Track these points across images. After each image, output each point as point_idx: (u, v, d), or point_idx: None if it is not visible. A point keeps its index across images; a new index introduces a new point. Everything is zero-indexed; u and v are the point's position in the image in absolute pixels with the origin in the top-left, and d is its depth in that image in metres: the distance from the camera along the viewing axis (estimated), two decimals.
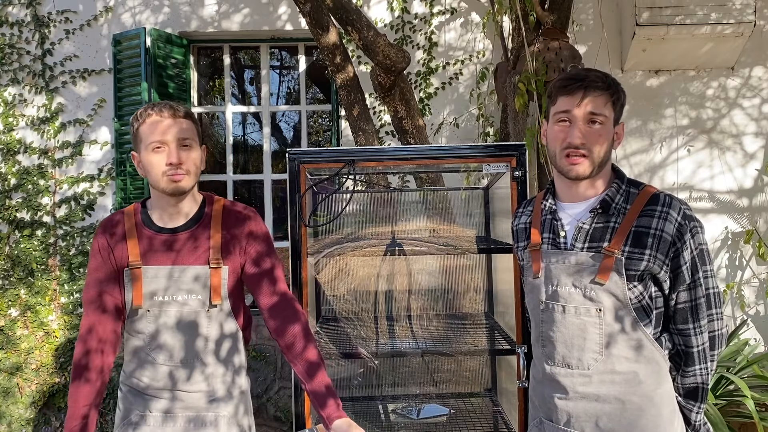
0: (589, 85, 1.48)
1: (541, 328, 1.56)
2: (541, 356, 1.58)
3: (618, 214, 1.48)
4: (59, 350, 4.34)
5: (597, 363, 1.46)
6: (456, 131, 4.38)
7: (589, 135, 1.47)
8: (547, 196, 1.62)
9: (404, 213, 2.81)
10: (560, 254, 1.52)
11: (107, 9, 4.42)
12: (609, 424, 1.46)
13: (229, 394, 1.73)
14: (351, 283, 2.61)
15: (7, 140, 4.38)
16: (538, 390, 1.59)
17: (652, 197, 1.48)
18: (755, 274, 4.26)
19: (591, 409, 1.47)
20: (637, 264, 1.44)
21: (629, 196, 1.50)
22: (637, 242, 1.44)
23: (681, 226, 1.44)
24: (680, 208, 1.46)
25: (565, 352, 1.50)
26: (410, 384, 2.67)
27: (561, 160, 1.51)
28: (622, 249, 1.44)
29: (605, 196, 1.51)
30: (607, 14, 4.15)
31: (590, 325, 1.46)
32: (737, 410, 3.37)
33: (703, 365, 1.48)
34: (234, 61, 4.85)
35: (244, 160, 5.12)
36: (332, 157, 2.19)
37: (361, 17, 3.19)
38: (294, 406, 2.15)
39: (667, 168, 4.31)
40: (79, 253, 4.37)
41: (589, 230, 1.50)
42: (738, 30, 3.87)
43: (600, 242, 1.48)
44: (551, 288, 1.53)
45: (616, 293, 1.44)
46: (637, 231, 1.45)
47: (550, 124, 1.55)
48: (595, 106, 1.47)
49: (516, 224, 1.74)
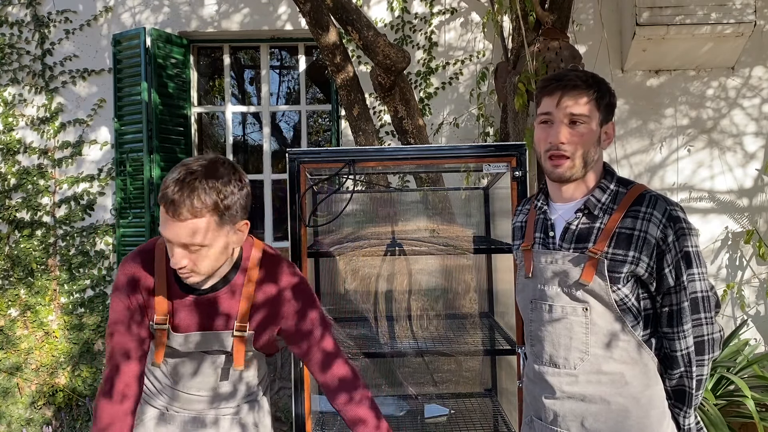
0: (567, 84, 1.46)
1: (530, 327, 1.57)
2: (530, 355, 1.59)
3: (604, 215, 1.47)
4: (59, 350, 4.34)
5: (583, 363, 1.46)
6: (456, 131, 4.37)
7: (570, 136, 1.45)
8: (539, 195, 1.62)
9: (404, 213, 2.81)
10: (549, 254, 1.51)
11: (107, 9, 4.42)
12: (595, 424, 1.46)
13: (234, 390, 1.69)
14: (351, 283, 2.61)
15: (7, 140, 4.38)
16: (529, 388, 1.60)
17: (637, 197, 1.46)
18: (755, 274, 4.26)
19: (577, 409, 1.47)
20: (620, 266, 1.42)
21: (617, 196, 1.48)
22: (621, 244, 1.43)
23: (665, 228, 1.41)
24: (666, 209, 1.42)
25: (552, 351, 1.50)
26: (410, 384, 2.67)
27: (545, 162, 1.51)
28: (606, 250, 1.43)
29: (590, 197, 1.50)
30: (607, 14, 4.15)
31: (576, 324, 1.46)
32: (737, 410, 3.36)
33: (687, 369, 1.44)
34: (234, 61, 4.85)
35: (244, 160, 5.11)
36: (332, 157, 2.19)
37: (361, 17, 3.19)
38: (294, 406, 2.15)
39: (667, 168, 4.31)
40: (79, 253, 4.37)
41: (576, 230, 1.49)
42: (738, 30, 3.87)
43: (585, 243, 1.47)
44: (539, 287, 1.53)
45: (600, 294, 1.44)
46: (620, 232, 1.43)
47: (535, 124, 1.54)
48: (575, 107, 1.45)
49: (514, 222, 1.74)
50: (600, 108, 1.48)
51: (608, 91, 1.51)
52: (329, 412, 2.53)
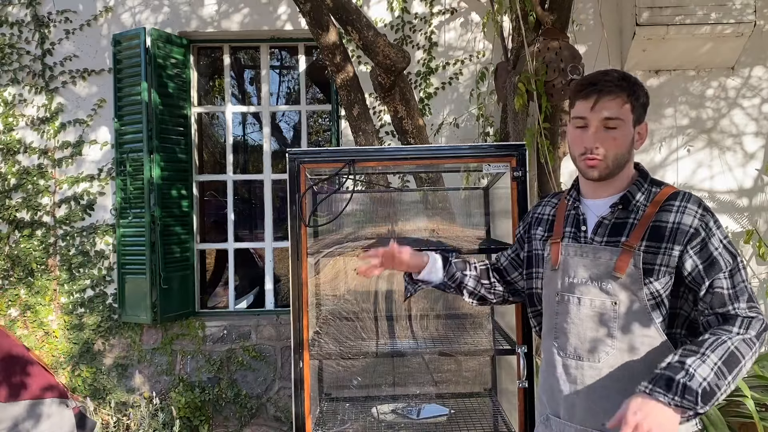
0: (603, 88, 1.48)
1: (555, 320, 1.58)
2: (551, 348, 1.59)
3: (638, 211, 1.50)
4: (59, 350, 4.34)
5: (608, 356, 1.47)
6: (456, 131, 4.37)
7: (604, 140, 1.49)
8: (571, 191, 1.65)
9: (404, 213, 2.81)
10: (579, 247, 1.55)
11: (107, 9, 4.42)
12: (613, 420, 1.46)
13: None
14: (351, 283, 2.61)
15: (7, 140, 4.38)
16: (547, 384, 1.60)
17: (671, 194, 1.50)
18: (755, 274, 4.26)
19: (597, 404, 1.48)
20: (654, 258, 1.44)
21: (651, 195, 1.52)
22: (654, 236, 1.45)
23: (703, 216, 1.45)
24: (700, 203, 1.47)
25: (577, 343, 1.52)
26: (410, 384, 2.67)
27: (579, 163, 1.55)
28: (640, 243, 1.46)
29: (626, 193, 1.53)
30: (607, 14, 4.15)
31: (604, 317, 1.48)
32: (737, 410, 3.36)
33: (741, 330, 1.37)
34: (234, 61, 4.85)
35: (244, 160, 5.12)
36: (332, 157, 2.19)
37: (361, 17, 3.19)
38: (294, 406, 2.15)
39: (667, 168, 4.31)
40: (79, 253, 4.37)
41: (609, 225, 1.52)
42: (738, 30, 3.88)
43: (618, 237, 1.49)
44: (567, 280, 1.55)
45: (632, 288, 1.45)
46: (654, 225, 1.46)
47: (569, 126, 1.58)
48: (610, 111, 1.48)
49: (539, 212, 1.74)
50: (634, 110, 1.51)
51: (643, 92, 1.54)
52: (329, 412, 2.54)
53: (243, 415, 4.29)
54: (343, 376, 2.66)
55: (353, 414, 2.49)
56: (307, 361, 2.15)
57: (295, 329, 2.15)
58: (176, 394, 4.23)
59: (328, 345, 2.37)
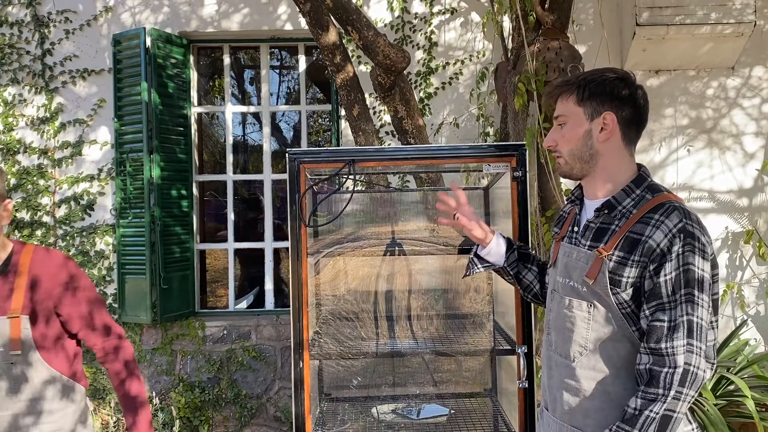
0: (555, 90, 1.57)
1: (548, 315, 1.64)
2: (545, 342, 1.65)
3: (622, 218, 1.46)
4: None
5: (581, 357, 1.49)
6: (456, 131, 4.37)
7: (554, 137, 1.57)
8: (575, 190, 1.67)
9: (404, 213, 2.81)
10: (569, 248, 1.56)
11: (107, 9, 4.42)
12: (595, 416, 1.47)
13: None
14: (351, 283, 2.61)
15: (6, 140, 4.37)
16: (544, 378, 1.66)
17: (657, 205, 1.42)
18: (755, 274, 4.26)
19: (573, 401, 1.50)
20: (622, 269, 1.41)
21: (641, 201, 1.46)
22: (626, 247, 1.41)
23: (673, 238, 1.36)
24: (681, 221, 1.37)
25: (558, 341, 1.55)
26: (410, 384, 2.67)
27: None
28: (612, 252, 1.43)
29: (611, 198, 1.50)
30: (607, 14, 4.15)
31: (579, 319, 1.49)
32: (737, 410, 3.37)
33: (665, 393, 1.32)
34: (234, 61, 4.85)
35: (244, 160, 5.12)
36: (332, 157, 2.19)
37: (361, 17, 3.19)
38: (294, 406, 2.15)
39: (667, 168, 4.31)
40: (79, 253, 4.37)
41: (594, 229, 1.52)
42: (738, 30, 3.87)
43: (598, 242, 1.48)
44: (557, 278, 1.59)
45: (601, 294, 1.45)
46: (629, 236, 1.42)
47: None
48: (559, 109, 1.56)
49: (563, 209, 1.78)
50: (582, 103, 1.50)
51: (594, 82, 1.50)
52: (329, 412, 2.53)
53: (243, 416, 4.29)
54: (343, 376, 2.66)
55: (353, 414, 2.49)
56: (307, 361, 2.15)
57: (295, 329, 2.15)
58: (176, 394, 4.23)
59: (328, 345, 2.37)
